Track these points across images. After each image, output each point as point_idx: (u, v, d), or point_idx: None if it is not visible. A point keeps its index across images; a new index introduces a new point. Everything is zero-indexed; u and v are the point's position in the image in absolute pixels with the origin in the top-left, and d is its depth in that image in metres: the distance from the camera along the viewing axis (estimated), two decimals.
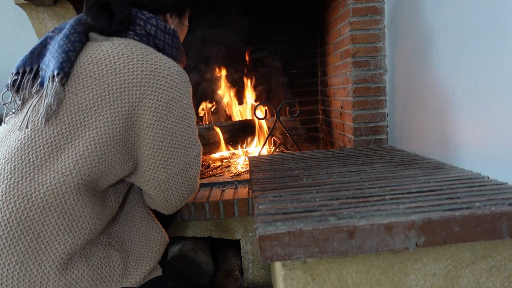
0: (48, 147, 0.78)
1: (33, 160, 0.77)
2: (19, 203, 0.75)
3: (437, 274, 0.74)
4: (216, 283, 1.37)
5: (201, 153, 0.91)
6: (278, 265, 0.78)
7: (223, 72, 2.32)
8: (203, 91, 2.32)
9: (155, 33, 0.91)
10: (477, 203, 0.72)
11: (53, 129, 0.78)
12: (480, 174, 0.95)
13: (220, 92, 2.30)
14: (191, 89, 0.89)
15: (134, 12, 0.89)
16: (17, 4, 1.56)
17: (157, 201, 0.88)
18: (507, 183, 0.85)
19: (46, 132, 0.78)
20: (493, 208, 0.68)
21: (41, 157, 0.77)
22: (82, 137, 0.78)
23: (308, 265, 0.72)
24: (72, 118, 0.79)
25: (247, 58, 2.34)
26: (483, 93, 0.97)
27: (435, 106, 1.20)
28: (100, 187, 0.82)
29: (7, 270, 0.73)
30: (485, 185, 0.84)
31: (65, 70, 0.80)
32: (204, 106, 2.29)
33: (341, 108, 1.81)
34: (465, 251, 0.73)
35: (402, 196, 0.80)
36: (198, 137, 0.89)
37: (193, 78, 2.33)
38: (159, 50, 0.92)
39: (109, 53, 0.82)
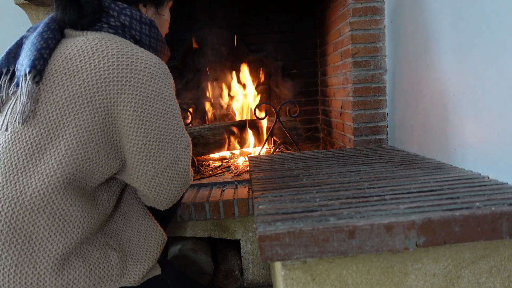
0: (29, 148, 0.77)
1: (16, 163, 0.76)
2: (7, 207, 0.74)
3: (437, 274, 0.74)
4: (216, 283, 1.37)
5: (190, 145, 0.88)
6: (278, 265, 0.78)
7: (223, 72, 2.32)
8: (203, 91, 2.32)
9: (130, 24, 0.87)
10: (477, 203, 0.72)
11: (32, 130, 0.77)
12: (480, 174, 0.95)
13: (219, 92, 2.30)
14: (172, 81, 0.86)
15: (107, 3, 0.86)
16: (17, 4, 1.56)
17: (149, 197, 0.86)
18: (507, 183, 0.85)
19: (25, 134, 0.77)
20: (493, 208, 0.68)
21: (23, 159, 0.76)
22: (63, 136, 0.77)
23: (308, 265, 0.72)
24: (50, 117, 0.77)
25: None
26: (483, 93, 0.97)
27: (435, 106, 1.20)
28: (89, 186, 0.82)
29: (2, 274, 0.73)
30: (485, 185, 0.84)
31: (37, 67, 0.78)
32: (207, 106, 2.30)
33: (341, 108, 1.81)
34: (465, 251, 0.73)
35: (402, 196, 0.80)
36: (184, 129, 0.87)
37: (193, 78, 2.33)
38: (136, 41, 0.89)
39: (83, 49, 0.80)
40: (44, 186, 0.75)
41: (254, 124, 1.97)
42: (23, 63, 0.80)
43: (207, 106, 2.32)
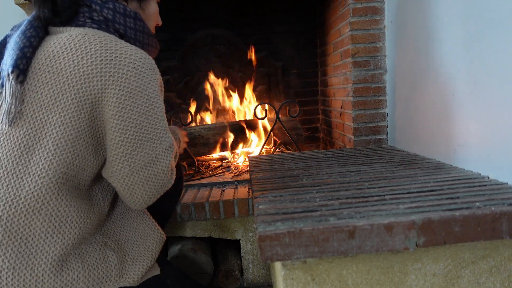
0: (18, 149, 0.76)
1: (6, 165, 0.76)
2: (1, 211, 0.74)
3: (437, 274, 0.74)
4: (216, 283, 1.37)
5: (174, 146, 0.85)
6: (278, 265, 0.78)
7: (223, 72, 2.32)
8: (202, 91, 2.32)
9: (113, 18, 0.84)
10: (477, 203, 0.72)
11: (20, 131, 0.76)
12: (480, 174, 0.95)
13: (220, 92, 2.30)
14: (158, 77, 0.83)
15: None
16: (17, 4, 1.56)
17: (123, 195, 0.83)
18: (507, 183, 0.85)
19: (13, 135, 0.76)
20: (493, 208, 0.68)
21: (13, 161, 0.76)
22: (50, 135, 0.76)
23: (308, 265, 0.72)
24: (36, 116, 0.76)
25: (252, 57, 2.32)
26: (483, 93, 0.97)
27: (435, 106, 1.20)
28: (82, 184, 0.81)
29: (0, 277, 0.73)
30: (485, 185, 0.84)
31: (20, 67, 0.77)
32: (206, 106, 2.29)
33: (341, 108, 1.81)
34: (465, 251, 0.73)
35: (402, 196, 0.80)
36: (168, 129, 0.84)
37: (193, 78, 2.33)
38: (121, 35, 0.87)
39: (66, 45, 0.79)
40: (38, 187, 0.74)
41: (254, 124, 1.97)
42: (7, 63, 0.79)
43: (207, 106, 2.32)
